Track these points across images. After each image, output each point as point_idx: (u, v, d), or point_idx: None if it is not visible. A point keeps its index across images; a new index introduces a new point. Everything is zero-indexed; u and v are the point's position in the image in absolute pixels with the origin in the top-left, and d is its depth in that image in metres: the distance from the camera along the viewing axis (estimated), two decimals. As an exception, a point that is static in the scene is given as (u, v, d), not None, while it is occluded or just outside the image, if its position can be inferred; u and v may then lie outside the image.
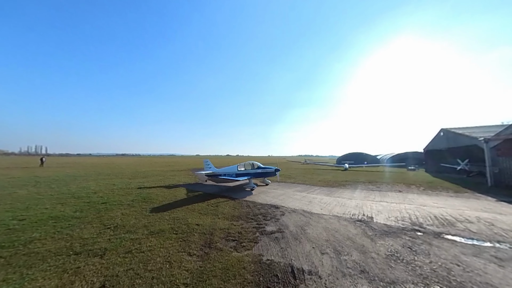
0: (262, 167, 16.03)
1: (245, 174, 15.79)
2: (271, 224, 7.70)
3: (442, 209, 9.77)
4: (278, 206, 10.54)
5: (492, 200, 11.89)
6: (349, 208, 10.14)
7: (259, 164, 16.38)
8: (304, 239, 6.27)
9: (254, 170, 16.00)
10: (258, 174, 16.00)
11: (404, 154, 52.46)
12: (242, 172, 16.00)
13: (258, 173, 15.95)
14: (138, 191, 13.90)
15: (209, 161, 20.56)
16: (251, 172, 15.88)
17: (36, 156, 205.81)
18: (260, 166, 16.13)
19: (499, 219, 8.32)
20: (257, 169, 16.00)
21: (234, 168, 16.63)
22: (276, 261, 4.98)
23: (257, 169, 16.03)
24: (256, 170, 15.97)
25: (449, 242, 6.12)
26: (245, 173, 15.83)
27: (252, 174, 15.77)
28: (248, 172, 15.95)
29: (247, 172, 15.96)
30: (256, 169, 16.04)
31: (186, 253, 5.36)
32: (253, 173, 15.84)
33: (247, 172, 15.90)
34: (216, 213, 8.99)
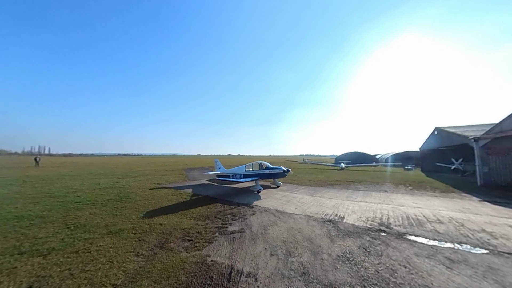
0: (271, 167, 14.67)
1: (253, 175, 14.85)
2: (236, 224, 7.60)
3: (418, 209, 9.58)
4: (252, 205, 10.44)
5: (475, 200, 11.65)
6: (325, 208, 9.99)
7: (268, 164, 15.06)
8: (261, 240, 6.15)
9: (262, 170, 14.79)
10: (266, 175, 14.67)
11: (403, 154, 51.92)
12: (250, 173, 15.15)
13: (266, 174, 14.61)
14: (119, 190, 13.90)
15: (219, 161, 20.52)
16: (259, 173, 14.78)
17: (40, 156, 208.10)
18: (268, 167, 14.79)
19: (472, 219, 8.12)
20: (265, 170, 14.70)
21: (241, 169, 15.99)
22: (219, 262, 4.88)
23: (265, 169, 14.71)
24: (264, 170, 14.70)
25: (408, 243, 5.96)
26: (252, 174, 14.93)
27: (260, 175, 14.65)
28: (256, 173, 14.92)
29: (254, 173, 14.99)
30: (264, 169, 14.77)
31: (134, 253, 5.29)
32: (261, 174, 14.66)
33: (254, 173, 14.93)
34: (186, 213, 8.91)
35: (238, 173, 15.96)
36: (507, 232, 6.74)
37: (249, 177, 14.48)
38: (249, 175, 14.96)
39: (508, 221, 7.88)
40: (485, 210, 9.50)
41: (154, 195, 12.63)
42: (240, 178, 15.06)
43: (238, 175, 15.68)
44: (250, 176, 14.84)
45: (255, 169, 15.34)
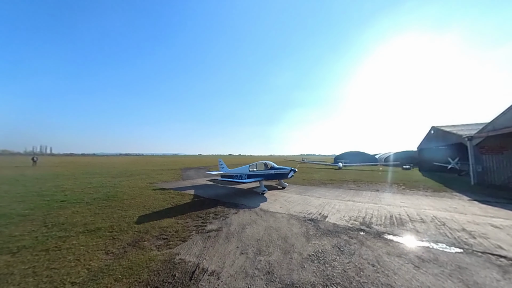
0: (276, 167, 14.03)
1: (257, 175, 14.20)
2: (216, 223, 7.57)
3: (404, 209, 9.49)
4: (238, 204, 10.42)
5: (465, 199, 11.54)
6: (310, 207, 9.93)
7: (273, 164, 14.39)
8: (235, 239, 6.12)
9: (267, 171, 14.09)
10: (271, 176, 13.90)
11: (402, 153, 51.66)
12: (254, 173, 14.49)
13: (271, 174, 13.85)
14: (109, 189, 13.92)
15: (222, 161, 20.12)
16: (263, 173, 14.08)
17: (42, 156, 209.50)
18: (273, 166, 14.12)
19: (455, 218, 8.03)
20: (270, 170, 14.01)
21: (245, 169, 15.27)
22: (187, 260, 4.85)
23: (270, 169, 14.03)
24: (269, 171, 14.01)
25: (384, 242, 5.89)
26: (256, 174, 14.28)
27: (265, 176, 13.92)
28: (261, 173, 14.23)
29: (259, 173, 14.31)
30: (269, 169, 14.08)
31: (105, 251, 5.27)
32: (266, 174, 13.95)
33: (259, 173, 14.27)
34: (169, 211, 8.90)
35: (241, 173, 15.30)
36: (487, 231, 6.65)
37: (253, 178, 13.83)
38: (253, 176, 14.28)
39: (492, 220, 7.78)
40: (471, 209, 9.39)
41: (143, 194, 12.63)
42: (243, 178, 14.47)
43: (242, 176, 15.03)
44: (254, 176, 14.18)
45: (259, 169, 14.67)
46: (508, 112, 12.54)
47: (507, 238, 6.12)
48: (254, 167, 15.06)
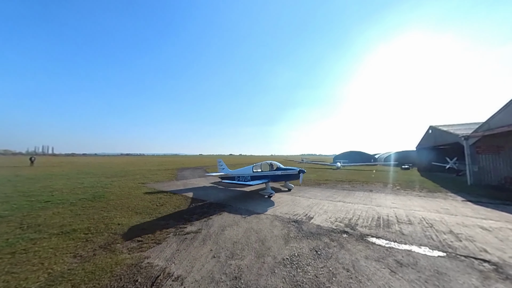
0: (282, 168, 12.99)
1: (262, 176, 13.20)
2: (197, 224, 7.39)
3: (394, 210, 9.25)
4: (224, 204, 10.23)
5: (459, 200, 11.26)
6: (298, 207, 9.72)
7: (279, 165, 13.37)
8: (211, 241, 5.92)
9: (273, 172, 13.07)
10: (277, 177, 12.88)
11: (402, 153, 51.19)
12: (258, 175, 13.53)
13: (278, 176, 12.84)
14: (98, 189, 13.79)
15: (222, 161, 18.52)
16: (268, 175, 13.06)
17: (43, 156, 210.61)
18: (280, 167, 13.11)
19: (445, 220, 7.78)
20: (276, 171, 12.98)
21: (248, 170, 14.28)
22: (155, 264, 4.67)
23: (276, 170, 13.00)
24: (275, 172, 12.97)
25: (365, 245, 5.67)
26: (261, 176, 13.29)
27: (270, 177, 12.90)
28: (266, 174, 13.21)
29: (264, 174, 13.31)
30: (275, 170, 13.06)
31: (73, 254, 5.11)
32: (271, 176, 12.93)
33: (264, 175, 13.25)
34: (151, 212, 8.74)
35: (244, 174, 14.36)
36: (475, 234, 6.41)
37: (258, 179, 12.83)
38: (258, 177, 13.30)
39: (482, 222, 7.53)
40: (463, 210, 9.13)
41: (131, 194, 12.48)
42: (247, 180, 13.68)
43: (245, 177, 14.16)
44: (258, 178, 13.21)
45: (264, 170, 13.71)
46: (503, 111, 12.25)
47: (494, 241, 5.87)
48: (258, 168, 14.11)
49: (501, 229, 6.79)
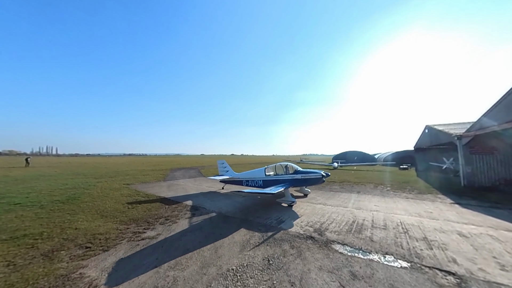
0: (302, 171, 10.96)
1: (277, 181, 11.13)
2: (158, 229, 7.05)
3: (373, 213, 8.79)
4: (199, 207, 9.89)
5: (447, 202, 10.73)
6: (274, 210, 9.32)
7: (296, 167, 11.33)
8: (163, 249, 5.56)
9: (291, 175, 10.98)
10: (296, 182, 10.76)
11: (401, 153, 50.36)
12: (273, 179, 11.52)
13: (297, 180, 10.72)
14: (79, 191, 13.55)
15: (226, 162, 15.81)
16: (286, 179, 10.93)
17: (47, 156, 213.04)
18: (298, 170, 11.08)
19: (423, 224, 7.31)
20: (294, 174, 10.95)
21: (260, 173, 12.20)
22: (86, 275, 4.31)
23: (295, 174, 10.98)
24: (294, 175, 10.90)
25: (326, 252, 5.25)
26: (276, 180, 11.24)
27: (288, 182, 10.66)
28: (282, 178, 11.17)
29: (279, 178, 11.26)
30: (293, 174, 11.02)
31: (8, 263, 4.78)
32: (290, 180, 10.76)
33: (280, 179, 11.19)
34: (118, 215, 8.43)
35: (255, 178, 12.32)
36: (450, 241, 5.93)
37: (273, 184, 10.71)
38: (273, 182, 11.24)
39: (462, 227, 7.03)
40: (447, 214, 8.63)
41: (109, 196, 12.19)
42: (258, 185, 11.94)
43: (255, 181, 12.20)
44: (273, 182, 11.15)
45: (279, 173, 11.78)
46: (493, 109, 11.67)
47: (468, 249, 5.40)
48: (271, 171, 12.21)
49: (480, 235, 6.30)
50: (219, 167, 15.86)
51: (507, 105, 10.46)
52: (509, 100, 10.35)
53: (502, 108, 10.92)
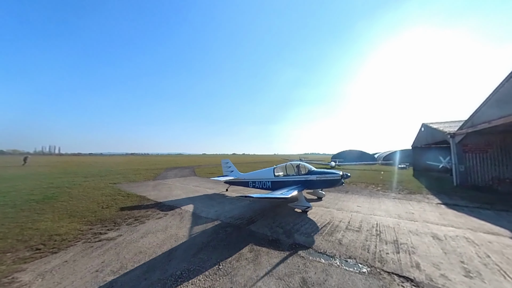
0: (317, 171, 9.56)
1: (288, 182, 9.87)
2: (122, 229, 6.81)
3: (352, 214, 8.45)
4: (175, 206, 9.66)
5: (434, 203, 10.34)
6: (251, 211, 9.03)
7: (310, 167, 9.99)
8: (115, 251, 5.31)
9: (303, 176, 9.60)
10: (310, 184, 9.42)
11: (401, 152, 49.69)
12: (283, 180, 10.22)
13: (310, 182, 9.39)
14: (60, 190, 13.38)
15: (230, 161, 14.39)
16: (298, 180, 9.65)
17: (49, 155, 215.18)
18: (312, 170, 9.69)
19: (400, 226, 6.96)
20: (308, 175, 9.53)
21: (268, 173, 10.94)
22: (18, 280, 4.07)
23: (308, 174, 9.56)
24: (307, 176, 9.50)
25: (284, 256, 4.93)
26: (287, 182, 9.95)
27: (301, 184, 9.39)
28: (293, 179, 9.84)
29: (290, 179, 9.95)
30: (307, 174, 9.61)
31: None
32: (303, 182, 9.48)
33: (291, 180, 9.91)
34: (86, 215, 8.20)
35: (262, 179, 11.03)
36: (421, 244, 5.58)
37: (283, 187, 9.51)
38: (283, 183, 10.02)
39: (440, 229, 6.67)
40: (429, 215, 8.25)
41: (88, 195, 11.97)
42: (266, 187, 10.78)
43: (263, 182, 10.96)
44: (283, 184, 9.93)
45: (290, 174, 10.39)
46: (484, 105, 11.22)
47: (437, 253, 5.05)
48: (281, 171, 10.92)
49: (455, 238, 5.93)
50: (223, 166, 14.39)
51: (498, 101, 10.00)
52: (499, 96, 9.89)
53: (492, 104, 10.46)
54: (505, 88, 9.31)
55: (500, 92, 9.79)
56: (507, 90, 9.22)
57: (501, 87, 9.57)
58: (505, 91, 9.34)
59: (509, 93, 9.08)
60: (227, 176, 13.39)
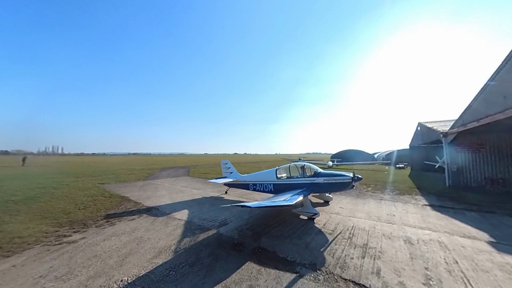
0: (324, 173, 8.55)
1: (293, 185, 8.92)
2: (89, 232, 6.68)
3: (331, 216, 8.21)
4: (153, 207, 9.50)
5: (420, 204, 10.04)
6: (227, 212, 8.83)
7: (316, 168, 8.98)
8: (69, 255, 5.14)
9: (309, 179, 8.67)
10: (316, 187, 8.45)
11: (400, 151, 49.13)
12: (286, 182, 9.35)
13: (317, 185, 8.42)
14: (43, 190, 13.29)
15: (230, 162, 13.46)
16: (303, 183, 8.70)
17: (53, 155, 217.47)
18: (319, 172, 8.68)
19: (375, 229, 6.71)
20: (314, 177, 8.56)
21: (270, 175, 9.96)
22: (-45, 286, 3.90)
23: (315, 176, 8.58)
24: (313, 179, 8.54)
25: (241, 262, 4.73)
26: (292, 184, 9.02)
27: (307, 187, 8.38)
28: (298, 182, 8.92)
29: (295, 182, 9.03)
30: (313, 176, 8.65)
31: None
32: (309, 185, 8.50)
33: (295, 182, 8.98)
34: (58, 216, 8.08)
35: (264, 181, 10.10)
36: (390, 248, 5.33)
37: (286, 190, 8.57)
38: (286, 186, 9.08)
39: (416, 232, 6.41)
40: (410, 217, 7.98)
41: (71, 195, 11.86)
42: (268, 191, 9.89)
43: (264, 185, 10.04)
44: (287, 187, 8.99)
45: (294, 175, 9.51)
46: (473, 104, 10.88)
47: (403, 258, 4.80)
48: (284, 172, 9.99)
49: (429, 242, 5.67)
50: (223, 167, 13.50)
51: (485, 99, 9.67)
52: (486, 94, 9.56)
53: (481, 102, 10.13)
54: (492, 86, 8.99)
55: (487, 91, 9.47)
56: (494, 88, 8.90)
57: (487, 85, 9.24)
58: (492, 89, 9.01)
59: (495, 91, 8.76)
60: (226, 178, 12.46)
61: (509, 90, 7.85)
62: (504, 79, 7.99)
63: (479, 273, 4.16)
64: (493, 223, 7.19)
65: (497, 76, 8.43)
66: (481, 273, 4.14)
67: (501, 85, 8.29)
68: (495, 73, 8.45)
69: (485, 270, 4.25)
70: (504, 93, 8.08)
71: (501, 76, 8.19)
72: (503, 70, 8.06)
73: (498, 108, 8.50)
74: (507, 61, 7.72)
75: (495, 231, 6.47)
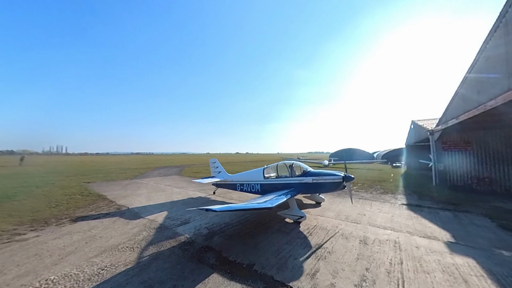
0: (313, 172, 8.07)
1: (280, 185, 8.51)
2: (47, 230, 6.65)
3: (298, 215, 8.02)
4: (124, 206, 9.47)
5: (398, 203, 9.87)
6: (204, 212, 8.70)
7: (305, 167, 8.53)
8: (12, 253, 5.08)
9: (298, 178, 8.19)
10: (305, 187, 8.00)
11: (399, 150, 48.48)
12: (273, 182, 8.89)
13: (305, 185, 7.96)
14: (25, 189, 13.34)
15: (218, 161, 13.01)
16: (291, 182, 8.28)
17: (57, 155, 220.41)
18: (308, 171, 8.19)
19: (337, 229, 6.54)
20: (302, 177, 8.09)
21: (257, 174, 9.49)
22: None
23: (303, 176, 8.12)
24: (301, 178, 8.08)
25: (177, 261, 4.60)
26: (279, 184, 8.58)
27: (295, 187, 8.03)
28: (285, 181, 8.46)
29: (282, 181, 8.56)
30: (301, 176, 8.18)
31: None
32: (296, 185, 8.11)
33: (282, 182, 8.52)
34: (28, 214, 8.07)
35: (251, 181, 9.66)
36: (341, 248, 5.17)
37: (273, 190, 8.31)
38: (273, 186, 8.70)
39: (377, 232, 6.23)
40: (379, 216, 7.80)
41: (50, 194, 11.94)
42: (255, 191, 9.43)
43: (251, 185, 9.58)
44: (273, 187, 8.63)
45: (282, 175, 8.99)
46: (454, 101, 10.58)
47: (348, 259, 4.61)
48: (272, 172, 9.62)
49: (384, 242, 5.47)
50: (211, 167, 12.98)
51: (463, 95, 9.37)
52: (464, 89, 9.26)
53: (460, 97, 9.83)
54: (469, 80, 8.69)
55: (465, 85, 9.17)
56: (470, 82, 8.61)
57: (466, 78, 8.94)
58: (470, 83, 8.72)
59: (471, 86, 8.47)
60: (214, 177, 11.92)
61: (483, 84, 7.56)
62: (479, 70, 7.68)
63: (419, 274, 3.97)
64: (463, 223, 6.96)
65: (473, 69, 8.14)
66: (421, 275, 3.96)
67: (476, 79, 8.00)
68: (472, 66, 8.16)
69: (427, 271, 4.06)
70: (478, 87, 7.80)
71: (477, 68, 7.88)
72: (478, 63, 7.77)
73: (474, 103, 8.21)
74: (481, 51, 7.39)
75: (461, 231, 6.25)
